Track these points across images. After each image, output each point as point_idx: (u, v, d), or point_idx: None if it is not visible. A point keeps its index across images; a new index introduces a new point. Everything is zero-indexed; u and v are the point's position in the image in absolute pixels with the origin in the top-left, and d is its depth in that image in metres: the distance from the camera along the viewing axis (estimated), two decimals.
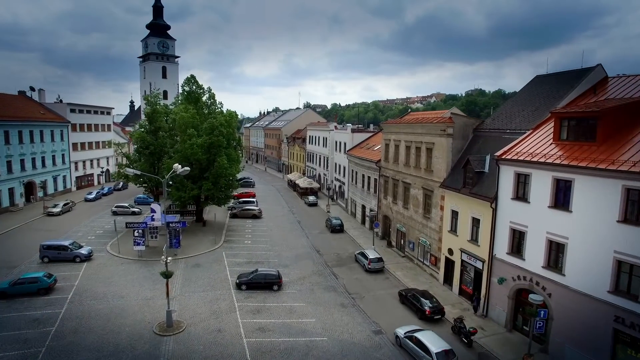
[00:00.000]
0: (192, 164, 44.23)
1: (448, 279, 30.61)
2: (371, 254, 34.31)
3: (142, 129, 45.90)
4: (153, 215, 35.70)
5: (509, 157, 23.75)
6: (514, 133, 26.94)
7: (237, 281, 29.70)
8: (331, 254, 38.51)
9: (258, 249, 39.20)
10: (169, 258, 23.63)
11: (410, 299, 26.98)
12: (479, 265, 26.62)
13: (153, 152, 45.97)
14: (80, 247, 34.79)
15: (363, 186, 48.69)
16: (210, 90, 49.57)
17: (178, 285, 29.83)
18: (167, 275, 22.96)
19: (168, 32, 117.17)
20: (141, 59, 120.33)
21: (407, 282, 31.73)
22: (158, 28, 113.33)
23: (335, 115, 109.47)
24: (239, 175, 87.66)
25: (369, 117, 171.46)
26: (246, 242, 41.65)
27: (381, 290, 30.11)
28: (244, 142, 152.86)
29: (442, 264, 31.21)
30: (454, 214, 29.55)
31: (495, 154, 24.62)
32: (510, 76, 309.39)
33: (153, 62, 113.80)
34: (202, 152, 43.13)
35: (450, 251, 29.89)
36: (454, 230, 29.64)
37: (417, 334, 21.20)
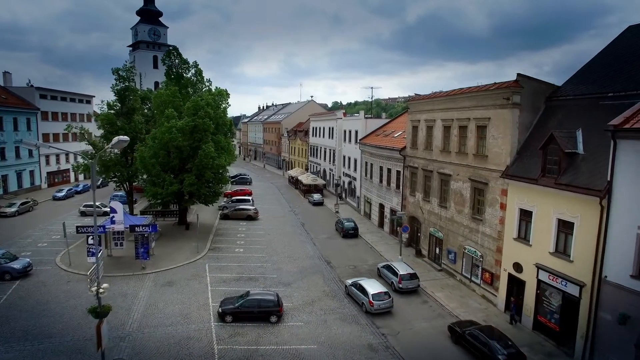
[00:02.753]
0: (171, 152, 35.90)
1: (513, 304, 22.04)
2: (401, 269, 25.79)
3: (111, 110, 37.34)
4: (113, 217, 27.21)
5: (638, 126, 15.23)
6: (625, 97, 18.40)
7: (220, 310, 21.16)
8: (346, 266, 29.99)
9: (252, 260, 30.68)
10: (99, 286, 15.03)
11: (469, 340, 18.45)
12: (572, 290, 18.08)
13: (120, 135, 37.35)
14: (14, 259, 26.23)
15: (381, 181, 40.18)
16: (197, 65, 41.14)
17: (137, 315, 21.29)
18: (98, 313, 14.42)
19: (160, 19, 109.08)
20: (131, 48, 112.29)
21: (454, 308, 23.20)
22: (149, 14, 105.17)
23: (341, 107, 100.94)
24: (234, 171, 79.34)
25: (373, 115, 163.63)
26: (237, 250, 33.13)
27: (422, 322, 21.60)
28: (241, 138, 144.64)
29: (502, 284, 22.69)
30: (525, 215, 21.03)
31: (611, 123, 16.06)
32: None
33: (143, 51, 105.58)
34: (184, 137, 34.63)
35: (518, 267, 21.36)
36: (524, 237, 21.13)
37: (360, 281, 24.01)
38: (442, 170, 28.69)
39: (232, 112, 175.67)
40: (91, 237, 26.40)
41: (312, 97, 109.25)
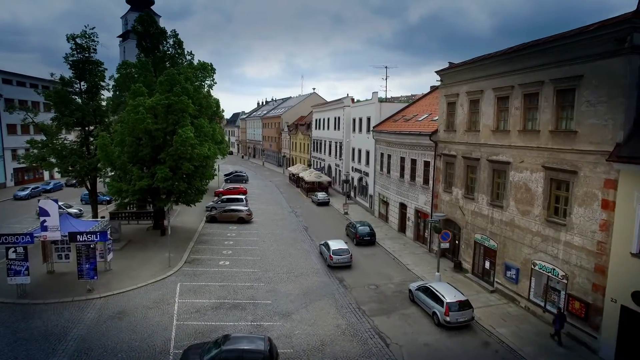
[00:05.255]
0: (140, 139, 28.57)
1: (632, 356, 14.52)
2: (447, 294, 18.25)
3: (68, 88, 29.82)
4: (44, 221, 19.75)
5: None
6: None
7: None
8: (364, 285, 22.52)
9: (239, 277, 23.22)
10: None
11: None
12: None
13: (80, 121, 29.96)
14: None
15: (402, 175, 32.70)
16: (177, 35, 33.75)
17: None
18: None
19: (152, 8, 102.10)
20: (121, 39, 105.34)
21: (533, 355, 15.65)
22: (139, 2, 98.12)
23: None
24: (229, 169, 71.95)
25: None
26: (222, 262, 25.68)
27: None
28: (240, 136, 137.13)
29: (609, 321, 15.15)
30: None
31: None
32: None
33: (133, 41, 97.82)
34: (155, 120, 27.34)
35: None
36: None
37: (328, 241, 26.86)
38: (496, 157, 21.22)
39: (231, 111, 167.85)
40: (13, 249, 18.99)
41: (314, 89, 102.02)
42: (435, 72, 26.99)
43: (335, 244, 26.02)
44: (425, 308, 18.98)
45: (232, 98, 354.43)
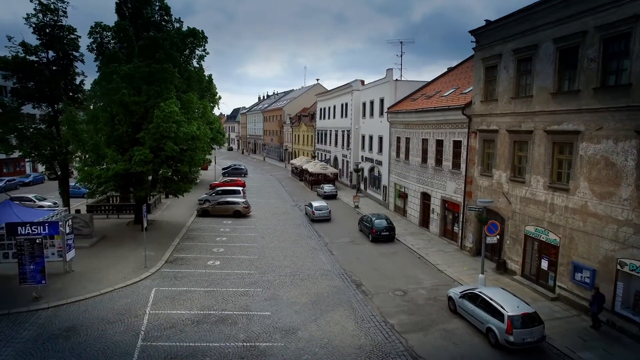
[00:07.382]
0: (116, 115, 24.07)
1: None
2: (508, 304, 13.52)
3: (28, 55, 25.15)
4: None
5: None
6: None
7: None
8: (388, 290, 17.85)
9: (231, 281, 18.60)
10: None
11: None
12: None
13: (45, 94, 25.33)
14: None
15: (424, 160, 28.00)
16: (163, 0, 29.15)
17: None
18: None
19: None
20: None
21: None
22: None
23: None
24: (228, 163, 67.38)
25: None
26: (211, 262, 21.05)
27: None
28: (240, 131, 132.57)
29: None
30: None
31: None
32: None
33: None
34: (133, 91, 22.84)
35: None
36: None
37: (312, 202, 33.01)
38: (557, 126, 16.53)
39: (231, 108, 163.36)
40: None
41: (317, 79, 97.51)
42: (469, 32, 22.29)
43: (317, 203, 31.68)
44: (475, 322, 14.29)
45: (235, 98, 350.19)
